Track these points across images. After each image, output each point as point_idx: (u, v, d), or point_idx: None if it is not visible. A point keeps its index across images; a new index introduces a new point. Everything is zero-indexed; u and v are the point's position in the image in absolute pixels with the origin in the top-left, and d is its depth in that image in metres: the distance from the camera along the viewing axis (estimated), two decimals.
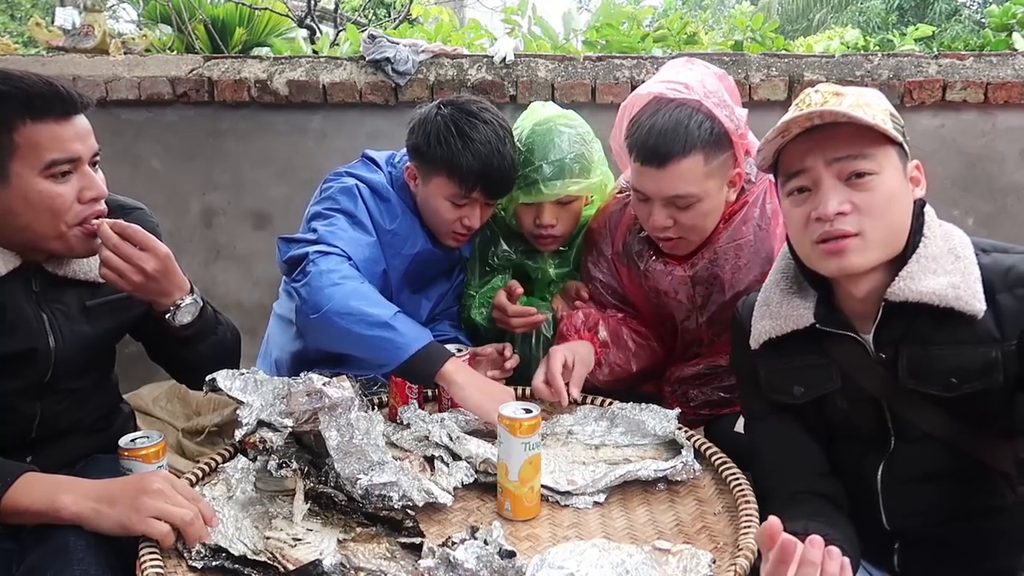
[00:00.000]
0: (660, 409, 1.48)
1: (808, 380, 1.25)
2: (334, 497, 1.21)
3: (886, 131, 1.11)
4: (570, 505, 1.30)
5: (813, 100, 1.15)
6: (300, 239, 1.65)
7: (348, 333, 1.50)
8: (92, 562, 1.09)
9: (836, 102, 1.12)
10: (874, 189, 1.12)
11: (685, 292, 1.68)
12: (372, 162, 1.83)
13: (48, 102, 1.20)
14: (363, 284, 1.57)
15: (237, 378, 1.26)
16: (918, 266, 1.14)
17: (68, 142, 1.22)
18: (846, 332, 1.20)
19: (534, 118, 1.81)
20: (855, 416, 1.24)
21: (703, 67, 1.62)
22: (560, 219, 1.78)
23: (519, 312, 1.74)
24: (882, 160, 1.13)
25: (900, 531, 1.25)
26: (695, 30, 3.23)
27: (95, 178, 1.27)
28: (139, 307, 1.43)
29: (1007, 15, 2.97)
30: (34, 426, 1.34)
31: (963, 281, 1.12)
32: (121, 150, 2.85)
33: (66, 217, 1.24)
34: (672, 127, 1.48)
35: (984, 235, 2.66)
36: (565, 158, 1.72)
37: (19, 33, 9.55)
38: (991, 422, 1.14)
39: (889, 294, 1.14)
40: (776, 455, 1.29)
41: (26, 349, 1.28)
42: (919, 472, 1.21)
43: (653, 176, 1.52)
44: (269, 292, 2.72)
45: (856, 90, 1.15)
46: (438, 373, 1.49)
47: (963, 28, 12.80)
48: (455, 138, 1.65)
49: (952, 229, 1.21)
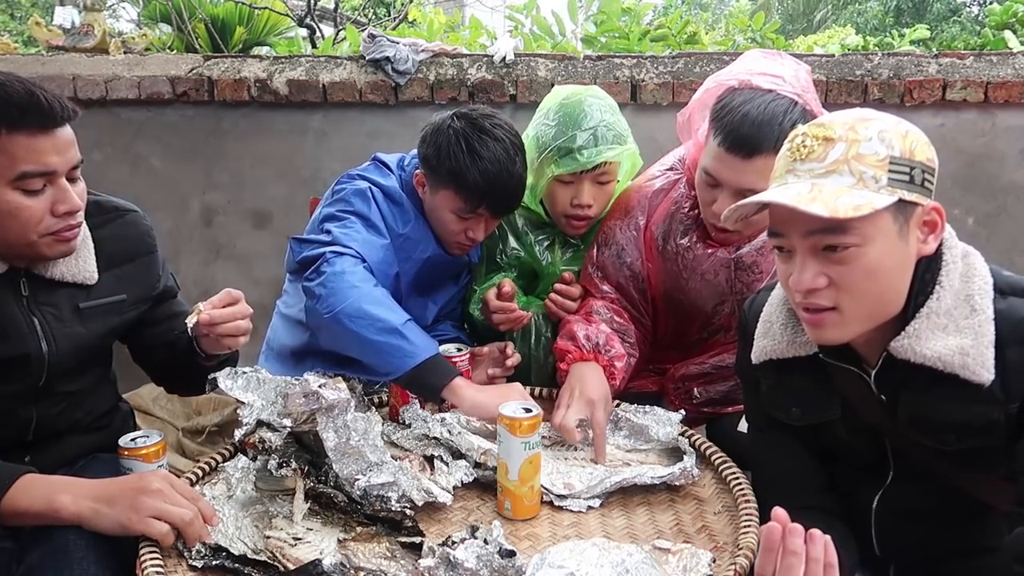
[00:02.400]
0: (664, 412, 1.48)
1: (808, 404, 1.20)
2: (334, 497, 1.21)
3: (860, 213, 0.98)
4: (565, 508, 1.30)
5: (800, 148, 1.04)
6: (314, 240, 1.64)
7: (357, 336, 1.49)
8: (92, 562, 1.09)
9: (821, 153, 1.02)
10: (854, 262, 1.02)
11: (725, 275, 1.64)
12: (384, 165, 1.83)
13: (25, 113, 1.15)
14: (376, 288, 1.55)
15: (239, 377, 1.26)
16: (927, 323, 1.05)
17: (43, 155, 1.17)
18: (849, 367, 1.14)
19: (560, 95, 1.80)
20: (854, 444, 1.20)
21: (792, 61, 1.55)
22: (596, 199, 1.77)
23: (499, 308, 1.73)
24: (867, 230, 1.01)
25: (893, 559, 1.24)
26: (695, 30, 3.23)
27: (70, 192, 1.22)
28: (132, 311, 1.42)
29: (1007, 14, 2.97)
30: (31, 429, 1.33)
31: (974, 345, 1.03)
32: (121, 150, 2.85)
33: (36, 228, 1.20)
34: (768, 120, 1.40)
35: (984, 235, 2.69)
36: (598, 126, 1.71)
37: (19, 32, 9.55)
38: (992, 467, 1.10)
39: (892, 349, 1.07)
40: (776, 468, 1.27)
41: (18, 355, 1.26)
42: (915, 507, 1.17)
43: (734, 166, 1.45)
44: (269, 291, 2.72)
45: (854, 128, 1.02)
46: (446, 387, 1.46)
47: (961, 28, 12.79)
48: (464, 154, 1.64)
49: (975, 263, 1.09)
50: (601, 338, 1.61)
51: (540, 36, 3.10)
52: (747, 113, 1.42)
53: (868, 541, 1.21)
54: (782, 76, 1.47)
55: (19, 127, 1.15)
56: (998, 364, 1.03)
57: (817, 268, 1.04)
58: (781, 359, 1.20)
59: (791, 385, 1.21)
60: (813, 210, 0.98)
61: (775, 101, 1.43)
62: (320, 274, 1.55)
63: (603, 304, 1.72)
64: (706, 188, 1.56)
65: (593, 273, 1.77)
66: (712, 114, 1.50)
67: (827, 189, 1.01)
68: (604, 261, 1.76)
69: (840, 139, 1.02)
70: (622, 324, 1.71)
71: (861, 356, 1.15)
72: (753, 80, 1.47)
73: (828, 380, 1.18)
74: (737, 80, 1.48)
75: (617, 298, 1.74)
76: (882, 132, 1.02)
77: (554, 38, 3.09)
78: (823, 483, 1.24)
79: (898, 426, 1.12)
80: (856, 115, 1.05)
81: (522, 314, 1.73)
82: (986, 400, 1.04)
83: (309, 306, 1.58)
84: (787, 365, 1.20)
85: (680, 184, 1.71)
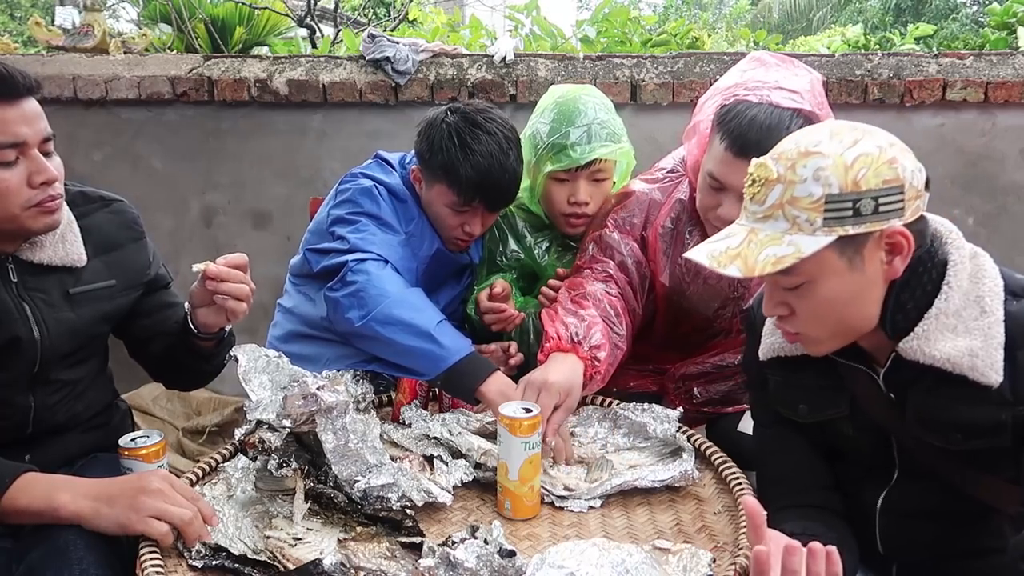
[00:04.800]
0: (661, 410, 1.47)
1: (815, 401, 1.20)
2: (334, 497, 1.21)
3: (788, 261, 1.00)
4: (565, 508, 1.30)
5: (750, 191, 1.06)
6: (332, 249, 1.64)
7: (390, 342, 1.49)
8: (92, 561, 1.09)
9: (761, 196, 1.03)
10: (808, 296, 1.04)
11: (727, 279, 1.61)
12: (386, 163, 1.83)
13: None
14: (407, 290, 1.55)
15: (260, 358, 1.28)
16: (936, 324, 1.04)
17: (11, 124, 1.19)
18: (858, 365, 1.14)
19: (557, 93, 1.81)
20: (861, 443, 1.20)
21: (805, 70, 1.54)
22: (593, 198, 1.77)
23: (490, 309, 1.73)
24: (809, 269, 1.02)
25: (897, 558, 1.23)
26: (697, 36, 3.22)
27: (44, 162, 1.23)
28: (123, 297, 1.43)
29: (1008, 13, 2.97)
30: (30, 419, 1.34)
31: (983, 347, 1.02)
32: (121, 150, 2.85)
33: (16, 200, 1.22)
34: (775, 124, 1.39)
35: (984, 235, 2.70)
36: (592, 123, 1.72)
37: (19, 32, 9.56)
38: (997, 469, 1.10)
39: (901, 350, 1.07)
40: (780, 465, 1.27)
41: (9, 339, 1.27)
42: (920, 507, 1.17)
43: (740, 169, 1.40)
44: (269, 291, 2.71)
45: (791, 173, 1.01)
46: (478, 389, 1.44)
47: (960, 27, 12.80)
48: (456, 148, 1.64)
49: (984, 264, 1.08)
50: (582, 329, 1.51)
51: (540, 36, 3.10)
52: (754, 117, 1.42)
53: (872, 541, 1.21)
54: (799, 92, 1.45)
55: None
56: (1008, 366, 1.02)
57: (778, 298, 1.08)
58: (789, 356, 1.20)
59: (799, 382, 1.21)
60: (729, 272, 1.03)
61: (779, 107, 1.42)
62: (346, 284, 1.55)
63: (600, 287, 1.62)
64: (710, 192, 1.54)
65: (593, 250, 1.69)
66: (717, 118, 1.49)
67: (759, 236, 1.04)
68: (607, 241, 1.69)
69: (779, 180, 1.02)
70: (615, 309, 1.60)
71: (870, 355, 1.15)
72: (772, 96, 1.44)
73: (836, 377, 1.18)
74: (756, 96, 1.45)
75: (617, 276, 1.66)
76: (819, 171, 0.99)
77: (554, 39, 3.09)
78: (827, 481, 1.24)
79: (906, 425, 1.12)
80: (802, 146, 1.03)
81: (513, 314, 1.73)
82: (995, 401, 1.04)
83: (337, 317, 1.57)
84: (795, 362, 1.20)
85: (681, 187, 1.70)
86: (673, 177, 1.73)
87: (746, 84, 1.49)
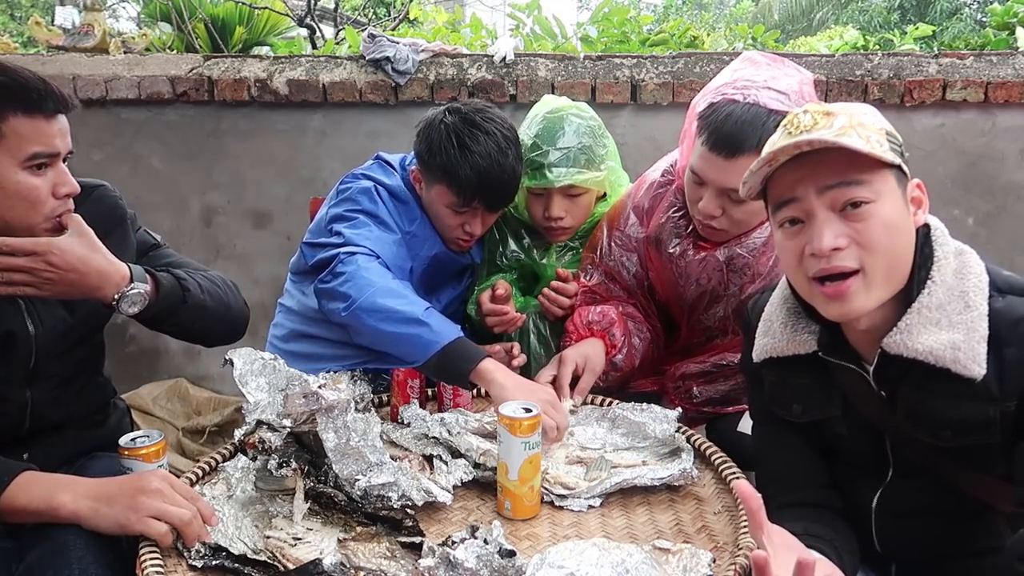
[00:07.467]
0: (660, 410, 1.48)
1: (808, 401, 1.21)
2: (334, 497, 1.21)
3: (882, 156, 1.02)
4: (565, 508, 1.30)
5: (802, 123, 1.04)
6: (326, 243, 1.65)
7: (376, 330, 1.49)
8: (91, 561, 1.09)
9: (826, 123, 1.03)
10: (871, 219, 1.03)
11: (718, 278, 1.65)
12: (387, 164, 1.83)
13: (43, 99, 1.22)
14: (393, 281, 1.56)
15: (256, 360, 1.28)
16: (918, 318, 1.05)
17: (52, 137, 1.24)
18: (849, 364, 1.15)
19: (547, 107, 1.81)
20: (855, 441, 1.20)
21: (795, 69, 1.55)
22: (569, 212, 1.78)
23: (491, 311, 1.74)
24: (879, 186, 1.03)
25: (894, 557, 1.24)
26: (697, 35, 3.22)
27: (69, 175, 1.28)
28: None
29: (1009, 14, 2.97)
30: (27, 415, 1.34)
31: (966, 340, 1.03)
32: (121, 149, 2.86)
33: (42, 209, 1.24)
34: (751, 120, 1.43)
35: (984, 235, 2.69)
36: (572, 147, 1.72)
37: (19, 32, 9.55)
38: (990, 466, 1.10)
39: (885, 345, 1.07)
40: (778, 463, 1.27)
41: (3, 333, 1.28)
42: (915, 506, 1.17)
43: (717, 165, 1.48)
44: (270, 291, 2.72)
45: (848, 107, 1.06)
46: (473, 371, 1.44)
47: (964, 27, 12.79)
48: (455, 148, 1.64)
49: (969, 261, 1.10)
50: (596, 315, 1.69)
51: (541, 36, 3.10)
52: (731, 113, 1.45)
53: (869, 540, 1.21)
54: (787, 93, 1.48)
55: (34, 111, 1.22)
56: (996, 362, 1.03)
57: (838, 228, 1.04)
58: (782, 357, 1.20)
59: (792, 383, 1.22)
60: (849, 141, 1.00)
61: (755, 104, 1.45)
62: (335, 275, 1.55)
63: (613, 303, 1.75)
64: (693, 187, 1.59)
65: (600, 281, 1.80)
66: (700, 116, 1.52)
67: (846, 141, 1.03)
68: (610, 269, 1.78)
69: (841, 112, 1.05)
70: (632, 310, 1.75)
71: (859, 353, 1.15)
72: (760, 96, 1.46)
73: (828, 377, 1.18)
74: (744, 95, 1.47)
75: (626, 298, 1.77)
76: (872, 112, 1.07)
77: (555, 39, 3.09)
78: (825, 479, 1.24)
79: (897, 422, 1.12)
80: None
81: (515, 316, 1.74)
82: (982, 397, 1.04)
83: (327, 307, 1.58)
84: (788, 363, 1.20)
85: (671, 191, 1.72)
86: (663, 181, 1.76)
87: (735, 83, 1.51)
